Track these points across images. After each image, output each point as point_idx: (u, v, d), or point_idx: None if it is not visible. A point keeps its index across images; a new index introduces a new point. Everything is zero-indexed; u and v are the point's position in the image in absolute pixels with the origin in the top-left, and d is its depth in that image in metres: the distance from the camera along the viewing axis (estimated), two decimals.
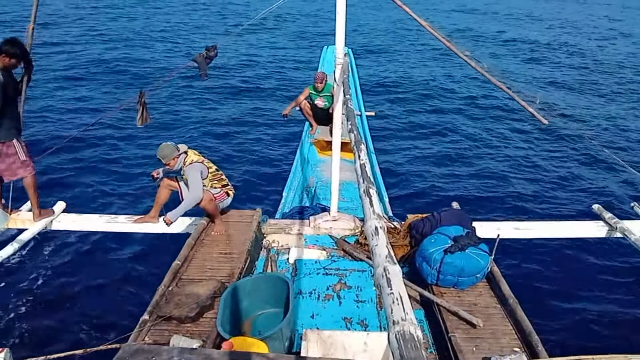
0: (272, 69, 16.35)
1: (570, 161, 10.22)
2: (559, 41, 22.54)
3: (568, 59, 19.30)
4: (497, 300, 3.79)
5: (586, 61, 18.85)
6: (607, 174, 9.64)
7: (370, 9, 28.92)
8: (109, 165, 8.94)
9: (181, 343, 3.12)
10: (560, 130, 11.42)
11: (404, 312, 1.24)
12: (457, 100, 13.95)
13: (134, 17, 24.43)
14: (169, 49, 18.29)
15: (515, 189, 8.87)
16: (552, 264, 6.63)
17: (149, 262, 6.17)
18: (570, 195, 8.75)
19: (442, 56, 18.16)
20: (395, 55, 19.00)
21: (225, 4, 29.97)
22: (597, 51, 20.53)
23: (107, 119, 9.89)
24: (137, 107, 4.98)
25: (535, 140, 11.21)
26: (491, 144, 10.92)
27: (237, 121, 11.51)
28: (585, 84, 15.77)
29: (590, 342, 5.20)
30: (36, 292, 5.57)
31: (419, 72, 16.65)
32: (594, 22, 28.42)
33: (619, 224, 4.86)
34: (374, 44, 20.70)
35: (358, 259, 4.49)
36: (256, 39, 20.07)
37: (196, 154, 4.70)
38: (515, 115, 12.49)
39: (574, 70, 17.50)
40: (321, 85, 7.21)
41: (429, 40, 19.22)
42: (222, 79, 14.54)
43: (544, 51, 20.51)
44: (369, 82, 14.71)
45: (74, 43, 17.88)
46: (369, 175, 2.15)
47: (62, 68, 14.75)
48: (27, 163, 4.58)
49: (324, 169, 6.68)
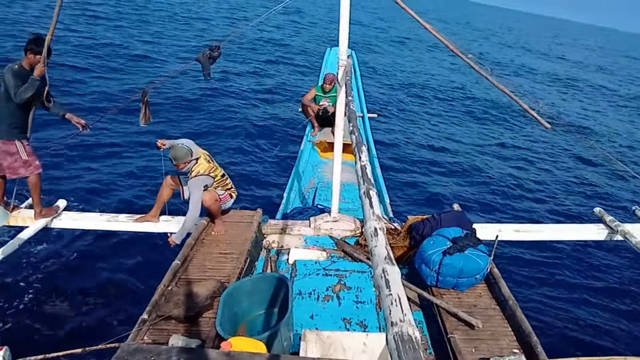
0: (274, 69, 16.38)
1: (572, 164, 10.22)
2: (561, 43, 22.50)
3: (570, 62, 19.26)
4: (497, 302, 3.80)
5: (588, 65, 18.81)
6: (609, 177, 9.63)
7: (374, 11, 28.90)
8: (111, 164, 8.95)
9: (180, 343, 3.12)
10: (563, 134, 11.42)
11: (402, 313, 1.24)
12: (459, 104, 13.96)
13: (135, 17, 24.46)
14: (172, 48, 18.32)
15: (516, 192, 8.87)
16: (552, 266, 6.63)
17: (149, 261, 6.17)
18: (572, 198, 8.75)
19: (445, 59, 18.15)
20: (398, 58, 19.01)
21: (227, 4, 30.00)
22: (599, 54, 20.48)
23: (109, 118, 9.90)
24: (139, 106, 4.98)
25: (537, 144, 11.21)
26: (493, 147, 10.93)
27: (239, 121, 11.52)
28: (588, 88, 15.75)
29: (590, 343, 5.20)
30: (35, 290, 5.57)
31: (421, 75, 16.66)
32: (598, 22, 28.42)
33: (620, 227, 4.85)
34: (377, 47, 20.69)
35: (358, 260, 4.49)
36: (259, 39, 20.08)
37: (206, 160, 4.67)
38: (518, 119, 12.50)
39: (576, 74, 17.47)
40: (329, 86, 7.21)
41: (433, 43, 19.23)
42: (226, 79, 14.56)
43: (546, 53, 20.47)
44: (372, 84, 14.72)
45: (78, 44, 17.91)
46: (370, 176, 2.15)
47: (65, 66, 14.78)
48: (29, 163, 4.57)
49: (325, 170, 6.68)
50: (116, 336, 3.07)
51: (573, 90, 15.50)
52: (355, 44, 16.02)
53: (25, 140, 4.57)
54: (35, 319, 5.15)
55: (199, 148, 4.74)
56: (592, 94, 15.29)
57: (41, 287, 5.64)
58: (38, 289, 5.62)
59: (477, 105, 13.60)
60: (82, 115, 5.17)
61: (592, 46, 33.03)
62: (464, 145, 10.81)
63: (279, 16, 23.87)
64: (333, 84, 7.16)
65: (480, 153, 10.49)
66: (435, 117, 12.57)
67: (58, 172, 8.27)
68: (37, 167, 4.65)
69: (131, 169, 8.79)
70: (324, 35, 21.84)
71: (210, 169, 4.66)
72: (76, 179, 8.20)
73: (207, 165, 4.64)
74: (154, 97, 5.05)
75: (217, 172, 4.73)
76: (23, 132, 4.53)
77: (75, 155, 8.92)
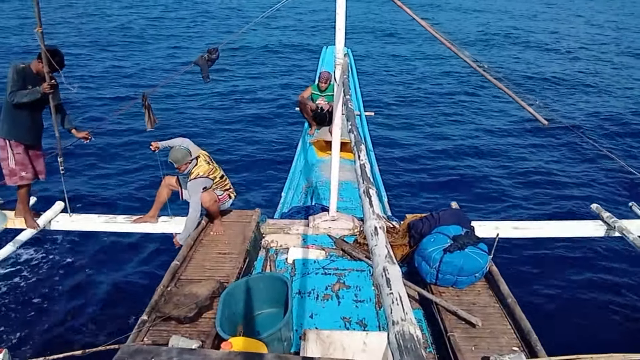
0: (272, 70, 16.36)
1: (569, 161, 10.24)
2: (558, 39, 22.56)
3: (568, 58, 19.32)
4: (496, 300, 3.80)
5: (587, 61, 18.87)
6: (606, 173, 9.65)
7: (371, 9, 28.90)
8: (109, 166, 8.93)
9: (180, 343, 3.11)
10: (560, 130, 11.44)
11: (403, 312, 1.24)
12: (456, 101, 13.97)
13: (134, 19, 24.38)
14: (170, 51, 18.27)
15: (514, 189, 8.88)
16: (550, 263, 6.64)
17: (148, 262, 6.17)
18: (569, 194, 8.76)
19: (441, 56, 18.17)
20: (395, 56, 19.01)
21: (226, 6, 29.94)
22: (597, 51, 20.55)
23: (107, 120, 9.88)
24: (142, 111, 4.95)
25: (534, 140, 11.23)
26: (490, 144, 10.94)
27: (238, 122, 11.51)
28: (584, 84, 15.79)
29: (589, 341, 5.21)
30: (34, 292, 5.56)
31: (418, 73, 16.66)
32: (595, 20, 28.46)
33: (618, 224, 4.86)
34: (374, 45, 20.70)
35: (357, 259, 4.50)
36: (257, 40, 20.06)
37: (206, 162, 4.66)
38: (515, 116, 12.52)
39: (573, 69, 17.51)
40: (325, 85, 7.19)
41: (429, 40, 19.24)
42: (224, 81, 14.54)
43: (544, 49, 20.53)
44: (369, 82, 14.72)
45: (73, 45, 17.85)
46: (369, 175, 2.15)
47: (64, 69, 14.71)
48: (13, 172, 4.45)
49: (323, 169, 6.68)
50: (116, 337, 3.06)
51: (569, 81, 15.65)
52: (351, 42, 16.02)
53: (22, 144, 4.43)
54: (34, 321, 5.14)
55: (196, 146, 4.73)
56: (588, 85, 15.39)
57: (40, 290, 5.63)
58: (37, 291, 5.61)
59: (474, 102, 13.61)
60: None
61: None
62: (461, 143, 10.82)
63: (277, 17, 23.81)
64: (329, 82, 7.15)
65: (476, 150, 10.50)
66: (432, 115, 12.57)
67: (55, 174, 8.24)
68: (21, 178, 4.50)
69: (129, 171, 8.78)
70: (321, 34, 21.83)
71: (210, 171, 4.65)
72: (74, 180, 8.17)
73: (207, 167, 4.63)
74: (153, 101, 5.02)
75: (216, 174, 4.73)
76: (20, 133, 4.41)
77: (74, 158, 8.89)
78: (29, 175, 4.57)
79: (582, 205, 8.05)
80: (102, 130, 10.03)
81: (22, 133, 4.42)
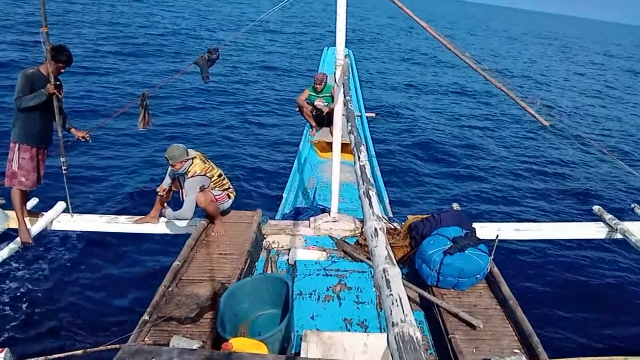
0: (273, 70, 16.39)
1: (570, 162, 10.23)
2: (560, 41, 22.51)
3: (570, 60, 19.28)
4: (497, 302, 3.79)
5: (588, 63, 18.83)
6: (608, 175, 9.64)
7: (371, 11, 28.89)
8: (110, 166, 8.94)
9: (181, 344, 3.11)
10: (561, 132, 11.43)
11: (403, 313, 1.24)
12: (457, 102, 13.97)
13: (133, 20, 24.44)
14: (171, 51, 18.31)
15: (515, 190, 8.87)
16: (552, 265, 6.63)
17: (149, 263, 6.17)
18: (571, 196, 8.75)
19: (442, 58, 18.16)
20: (395, 58, 19.01)
21: (226, 7, 29.98)
22: (598, 52, 20.50)
23: (108, 121, 9.90)
24: (139, 110, 4.96)
25: (535, 142, 11.22)
26: (492, 146, 10.93)
27: (238, 123, 11.53)
28: (586, 86, 15.77)
29: (590, 343, 5.20)
30: (36, 292, 5.56)
31: (419, 74, 16.67)
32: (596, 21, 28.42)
33: (620, 225, 4.85)
34: (374, 46, 20.70)
35: (358, 260, 4.49)
36: (258, 41, 20.11)
37: (202, 161, 4.66)
38: (516, 117, 12.51)
39: (575, 71, 17.48)
40: (320, 86, 7.20)
41: (430, 42, 19.24)
42: (224, 82, 14.56)
43: (544, 51, 20.49)
44: (370, 83, 14.72)
45: (75, 44, 17.89)
46: (369, 176, 2.14)
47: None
48: (14, 175, 4.48)
49: (324, 170, 6.68)
50: (117, 337, 3.06)
51: (572, 86, 15.58)
52: (352, 43, 16.04)
53: (31, 149, 4.47)
54: (36, 321, 5.15)
55: (193, 150, 4.74)
56: (593, 91, 15.34)
57: (41, 290, 5.64)
58: (38, 291, 5.61)
59: (475, 104, 13.62)
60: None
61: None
62: (463, 144, 10.82)
63: (277, 18, 23.86)
64: (323, 83, 7.17)
65: (478, 152, 10.50)
66: (433, 117, 12.58)
67: (57, 175, 8.26)
68: (19, 182, 4.51)
69: (130, 171, 8.78)
70: (322, 35, 21.84)
71: (207, 169, 4.64)
72: (75, 181, 8.18)
73: (203, 166, 4.62)
74: (152, 101, 5.03)
75: (213, 172, 4.72)
76: (30, 137, 4.44)
77: (74, 158, 8.91)
78: (28, 183, 4.59)
79: (584, 206, 8.04)
80: (103, 130, 10.06)
81: (32, 136, 4.47)
